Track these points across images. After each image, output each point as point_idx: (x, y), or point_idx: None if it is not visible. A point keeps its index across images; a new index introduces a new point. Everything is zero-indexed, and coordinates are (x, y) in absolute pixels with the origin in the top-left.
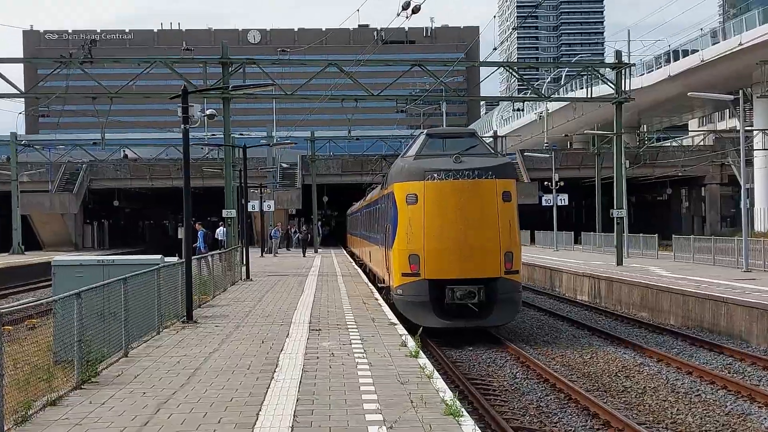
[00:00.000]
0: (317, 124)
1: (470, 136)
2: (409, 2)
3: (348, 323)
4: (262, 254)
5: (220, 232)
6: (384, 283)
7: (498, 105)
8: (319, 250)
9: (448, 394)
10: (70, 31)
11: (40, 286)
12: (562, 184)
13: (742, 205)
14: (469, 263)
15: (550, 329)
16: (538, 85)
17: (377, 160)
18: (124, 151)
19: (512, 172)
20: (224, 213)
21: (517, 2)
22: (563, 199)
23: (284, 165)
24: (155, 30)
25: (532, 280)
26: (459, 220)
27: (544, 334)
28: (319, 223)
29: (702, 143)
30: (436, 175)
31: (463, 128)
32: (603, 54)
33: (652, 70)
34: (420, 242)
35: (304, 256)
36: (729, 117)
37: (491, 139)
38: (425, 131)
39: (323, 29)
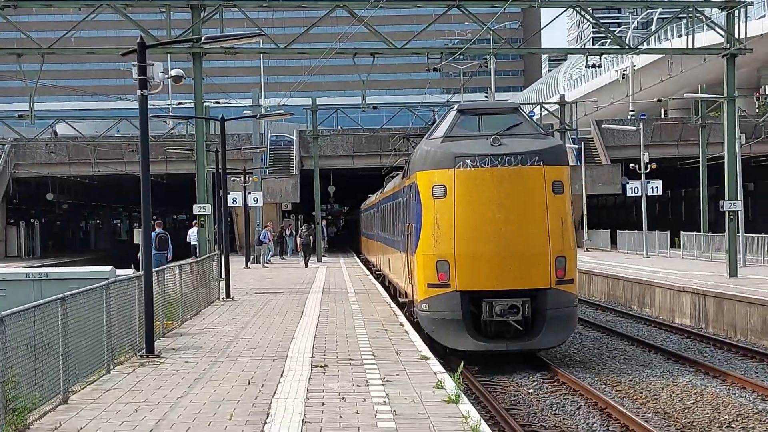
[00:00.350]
0: (320, 88)
1: (512, 111)
2: None
3: (364, 357)
4: (247, 265)
5: (192, 234)
6: (406, 297)
7: (566, 60)
8: (324, 257)
9: None
10: None
11: None
12: (653, 166)
13: None
14: (511, 271)
15: (636, 363)
16: (620, 32)
17: (400, 139)
18: (50, 126)
19: (564, 156)
20: (195, 209)
21: None
22: (655, 188)
23: (276, 144)
24: None
25: (612, 297)
26: (498, 217)
27: (630, 369)
28: (324, 222)
29: None
30: (469, 161)
31: (504, 102)
32: None
33: None
34: (450, 245)
35: (306, 266)
36: None
37: (556, 106)
38: (456, 106)
39: None
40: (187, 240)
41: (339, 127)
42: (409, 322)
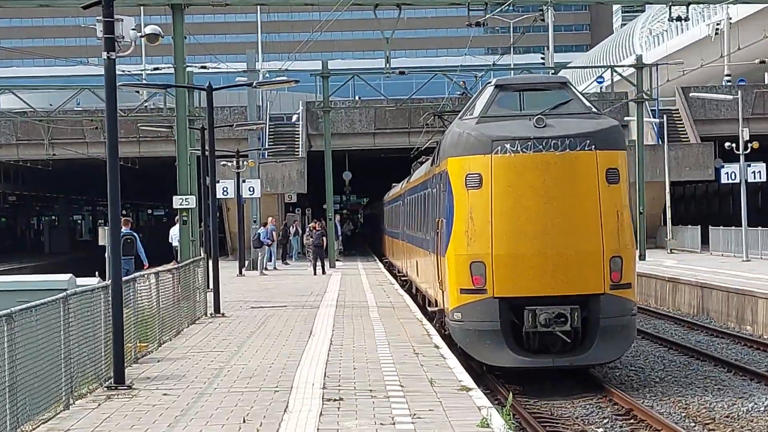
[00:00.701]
0: (333, 48)
1: (560, 87)
2: None
3: (389, 387)
4: (240, 272)
5: (174, 234)
6: (436, 305)
7: (643, 12)
8: (337, 262)
9: None
10: None
11: None
12: (755, 145)
13: None
14: (557, 274)
15: (734, 394)
16: None
17: (431, 116)
18: None
19: (621, 139)
20: (176, 202)
21: None
22: (758, 172)
23: (278, 119)
24: None
25: (704, 311)
26: (542, 210)
27: (726, 402)
28: (337, 217)
29: None
30: (509, 145)
31: (550, 76)
32: None
33: None
34: (486, 244)
35: (319, 272)
36: None
37: (631, 70)
38: (493, 81)
39: None
40: (169, 241)
41: (356, 98)
42: (440, 334)
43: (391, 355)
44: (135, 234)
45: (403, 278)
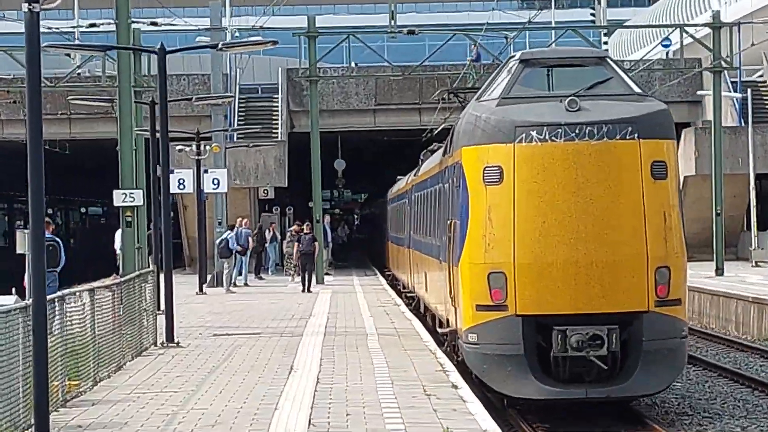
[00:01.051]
0: (322, 1)
1: (598, 62)
2: None
3: None
4: (201, 289)
5: (118, 239)
6: (447, 325)
7: None
8: (327, 276)
9: None
10: None
11: None
12: None
13: None
14: (592, 287)
15: None
16: None
17: (444, 92)
18: None
19: (669, 126)
20: (117, 198)
21: None
22: None
23: (250, 91)
24: None
25: None
26: (575, 211)
27: None
28: (327, 219)
29: None
30: (535, 132)
31: (586, 49)
32: None
33: None
34: (507, 251)
35: (307, 290)
36: None
37: (706, 30)
38: (517, 55)
39: None
40: (115, 248)
41: (352, 64)
42: (452, 361)
43: (395, 397)
44: (58, 240)
45: (409, 295)
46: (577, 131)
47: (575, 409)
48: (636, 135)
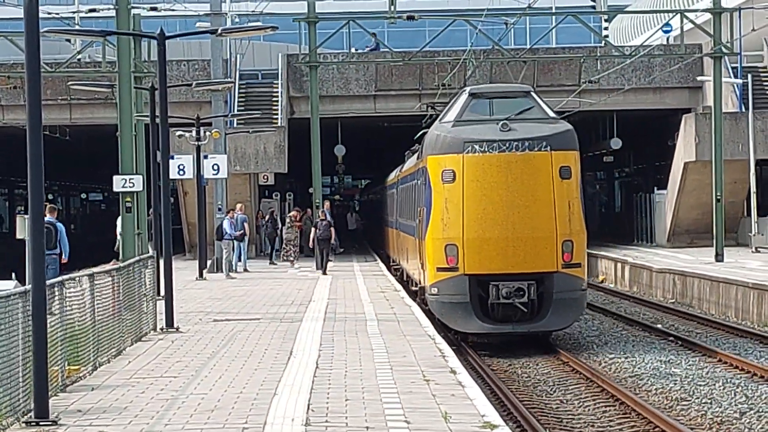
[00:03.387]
0: None
1: (524, 95)
2: None
3: (390, 425)
4: (201, 274)
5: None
6: (418, 284)
7: None
8: (329, 263)
9: None
10: None
11: None
12: None
13: None
14: (517, 255)
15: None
16: None
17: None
18: None
19: (573, 141)
20: (117, 184)
21: None
22: None
23: (250, 77)
24: None
25: None
26: (506, 202)
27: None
28: (327, 205)
29: None
30: (478, 146)
31: (517, 85)
32: None
33: None
34: (458, 230)
35: (324, 271)
36: None
37: (706, 16)
38: (467, 89)
39: None
40: (117, 234)
41: (352, 50)
42: (421, 309)
43: (394, 383)
44: (57, 224)
45: (395, 267)
46: (507, 145)
47: (509, 345)
48: (549, 148)
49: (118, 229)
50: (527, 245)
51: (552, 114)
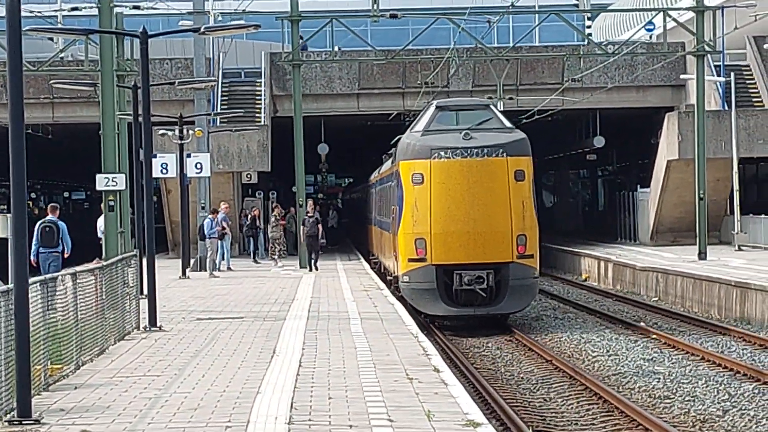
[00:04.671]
0: None
1: (484, 108)
2: None
3: (374, 424)
4: (184, 273)
5: (102, 225)
6: (392, 273)
7: None
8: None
9: None
10: None
11: None
12: None
13: None
14: (478, 247)
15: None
16: None
17: (431, 70)
18: None
19: (526, 148)
20: (100, 182)
21: None
22: None
23: (233, 75)
24: None
25: None
26: (467, 201)
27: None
28: (310, 203)
29: None
30: (443, 153)
31: (477, 99)
32: None
33: None
34: (426, 225)
35: (312, 268)
36: None
37: (690, 14)
38: (435, 102)
39: None
40: (99, 233)
41: (335, 48)
42: (393, 295)
43: (377, 381)
44: (59, 223)
45: (374, 260)
46: (469, 152)
47: (473, 328)
48: (505, 154)
49: (99, 229)
50: (486, 239)
51: (508, 124)
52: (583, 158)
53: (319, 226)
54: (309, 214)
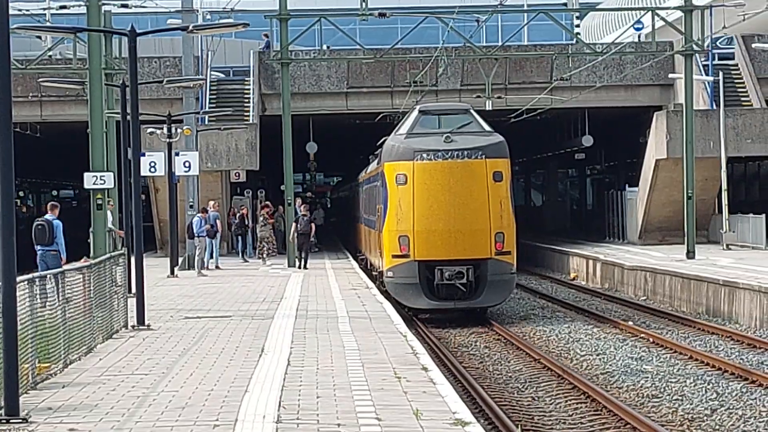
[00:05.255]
0: None
1: (464, 112)
2: None
3: (362, 422)
4: (172, 272)
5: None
6: (377, 269)
7: None
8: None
9: None
10: None
11: None
12: None
13: None
14: (458, 244)
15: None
16: None
17: (420, 69)
18: None
19: (504, 150)
20: (88, 180)
21: None
22: None
23: (221, 74)
24: None
25: None
26: (448, 201)
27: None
28: (299, 202)
29: None
30: (425, 155)
31: (458, 104)
32: None
33: None
34: (410, 223)
35: (303, 267)
36: None
37: (678, 13)
38: (418, 107)
39: None
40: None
41: (324, 47)
42: (378, 289)
43: (365, 380)
44: (52, 221)
45: (361, 257)
46: (450, 154)
47: (462, 325)
48: (484, 156)
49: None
50: (466, 236)
51: (487, 128)
52: (571, 157)
53: (312, 225)
54: (303, 213)
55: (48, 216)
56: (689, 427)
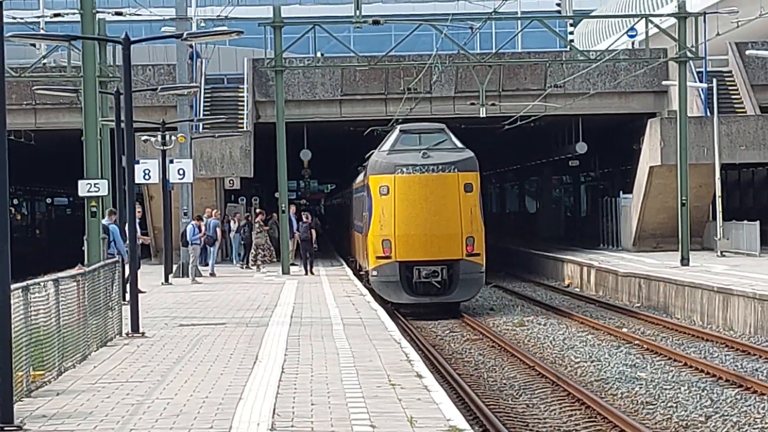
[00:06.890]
0: None
1: (439, 131)
2: None
3: (357, 429)
4: (167, 279)
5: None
6: (364, 269)
7: None
8: (293, 267)
9: None
10: None
11: None
12: None
13: None
14: (433, 247)
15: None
16: None
17: (414, 76)
18: None
19: (474, 165)
20: (82, 188)
21: None
22: None
23: (216, 82)
24: None
25: (764, 331)
26: (425, 209)
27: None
28: (293, 209)
29: None
30: (405, 169)
31: (434, 124)
32: None
33: None
34: (391, 229)
35: (309, 272)
36: None
37: (672, 20)
38: (399, 127)
39: None
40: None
41: (318, 54)
42: (364, 286)
43: (360, 387)
44: (110, 226)
45: (351, 260)
46: (426, 168)
47: (432, 315)
48: (456, 170)
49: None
50: (440, 240)
51: (459, 144)
52: (565, 164)
53: (312, 231)
54: (303, 220)
55: (104, 221)
56: None
